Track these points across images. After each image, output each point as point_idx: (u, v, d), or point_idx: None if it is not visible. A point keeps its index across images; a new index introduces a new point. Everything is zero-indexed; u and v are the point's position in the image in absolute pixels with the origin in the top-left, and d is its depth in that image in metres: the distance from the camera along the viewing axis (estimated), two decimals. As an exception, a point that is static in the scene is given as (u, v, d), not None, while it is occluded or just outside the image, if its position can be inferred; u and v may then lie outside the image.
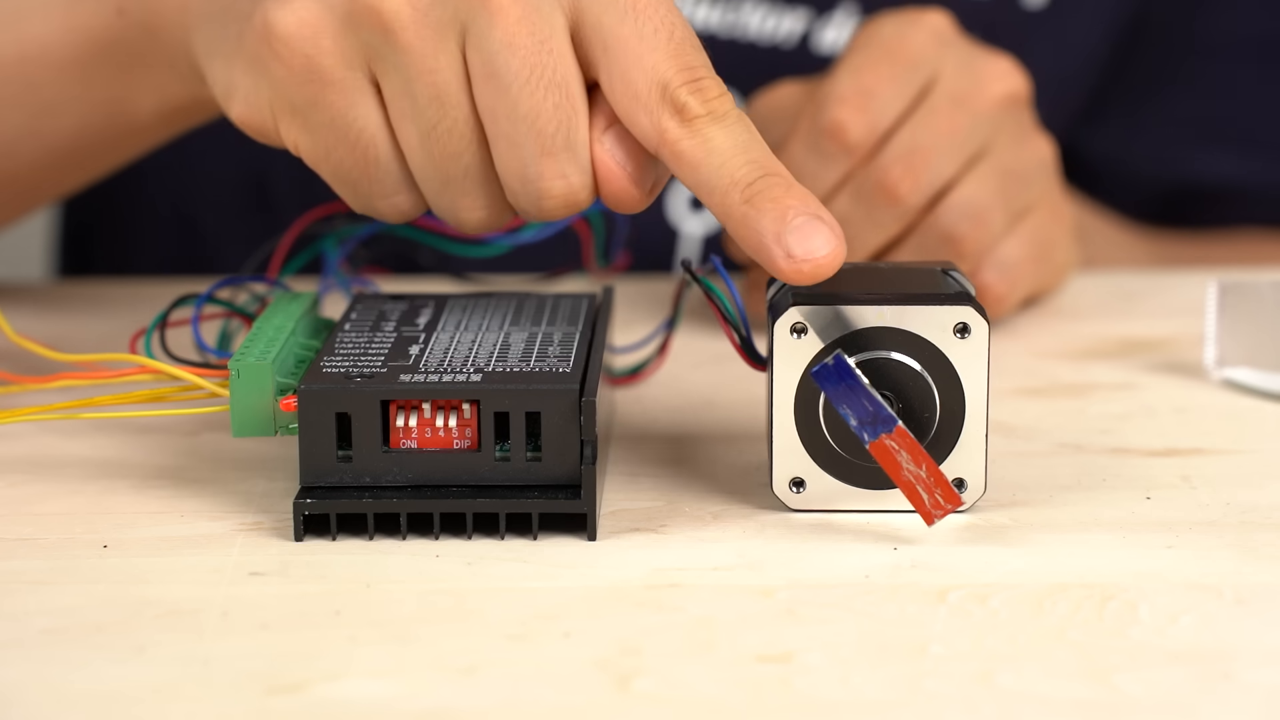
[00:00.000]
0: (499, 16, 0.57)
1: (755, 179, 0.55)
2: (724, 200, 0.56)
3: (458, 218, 0.60)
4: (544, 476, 0.55)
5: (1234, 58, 0.98)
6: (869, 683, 0.47)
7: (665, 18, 0.57)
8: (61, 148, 0.74)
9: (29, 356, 0.61)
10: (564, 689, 0.47)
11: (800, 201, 0.55)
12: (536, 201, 0.58)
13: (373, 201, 0.60)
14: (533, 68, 0.57)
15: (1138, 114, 0.98)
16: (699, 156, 0.56)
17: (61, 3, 0.71)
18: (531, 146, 0.57)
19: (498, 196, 0.59)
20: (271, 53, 0.58)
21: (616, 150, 0.58)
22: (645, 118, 0.56)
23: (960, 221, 0.73)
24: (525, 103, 0.57)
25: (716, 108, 0.56)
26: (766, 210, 0.55)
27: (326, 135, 0.59)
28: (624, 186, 0.58)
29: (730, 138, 0.56)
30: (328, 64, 0.58)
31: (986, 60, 0.76)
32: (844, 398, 0.55)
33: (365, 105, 0.59)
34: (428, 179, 0.59)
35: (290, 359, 0.58)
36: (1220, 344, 0.71)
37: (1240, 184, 0.98)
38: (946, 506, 0.55)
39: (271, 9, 0.58)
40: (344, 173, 0.60)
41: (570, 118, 0.57)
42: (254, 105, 0.60)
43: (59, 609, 0.51)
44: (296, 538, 0.55)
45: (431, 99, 0.57)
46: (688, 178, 0.56)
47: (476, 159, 0.58)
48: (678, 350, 0.71)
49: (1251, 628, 0.50)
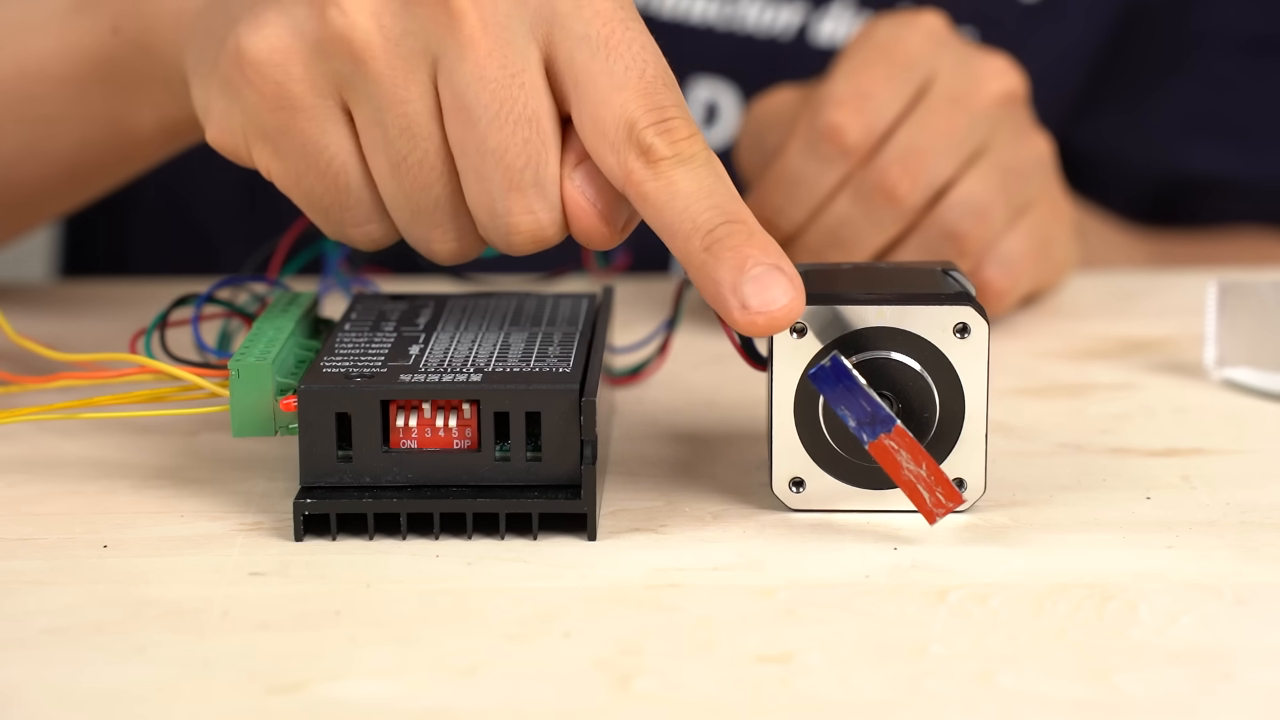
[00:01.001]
0: (469, 49, 0.56)
1: (716, 225, 0.54)
2: (685, 245, 0.54)
3: (429, 248, 0.59)
4: (544, 476, 0.55)
5: (1227, 52, 0.98)
6: (869, 683, 0.47)
7: (638, 55, 0.56)
8: (63, 164, 0.73)
9: (29, 356, 0.61)
10: (564, 689, 0.47)
11: (760, 251, 0.54)
12: (505, 236, 0.57)
13: (344, 229, 0.60)
14: (502, 101, 0.56)
15: (1131, 108, 0.98)
16: (663, 199, 0.55)
17: (59, 20, 0.71)
18: (499, 181, 0.56)
19: (469, 228, 0.58)
20: (243, 78, 0.58)
21: (587, 187, 0.57)
22: (612, 157, 0.55)
23: (962, 218, 0.73)
24: (494, 137, 0.56)
25: (684, 149, 0.55)
26: (725, 259, 0.54)
27: (297, 162, 0.58)
28: (594, 224, 0.57)
29: (695, 181, 0.55)
30: (298, 91, 0.57)
31: (983, 59, 0.76)
32: (841, 399, 0.55)
33: (336, 133, 0.58)
34: (399, 209, 0.58)
35: (290, 359, 0.58)
36: (1220, 344, 0.71)
37: (1233, 178, 0.98)
38: (948, 505, 0.55)
39: (244, 34, 0.58)
40: (315, 199, 0.59)
41: (539, 153, 0.56)
42: (227, 129, 0.59)
43: (59, 609, 0.51)
44: (296, 538, 0.55)
45: (402, 130, 0.57)
46: (652, 220, 0.55)
47: (447, 190, 0.58)
48: (678, 350, 0.71)
49: (1251, 628, 0.50)
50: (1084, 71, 0.97)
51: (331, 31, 0.56)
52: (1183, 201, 0.99)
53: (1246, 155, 0.98)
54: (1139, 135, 0.98)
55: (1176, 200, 0.99)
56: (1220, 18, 0.97)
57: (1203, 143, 0.98)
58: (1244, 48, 0.97)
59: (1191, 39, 0.98)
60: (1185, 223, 0.99)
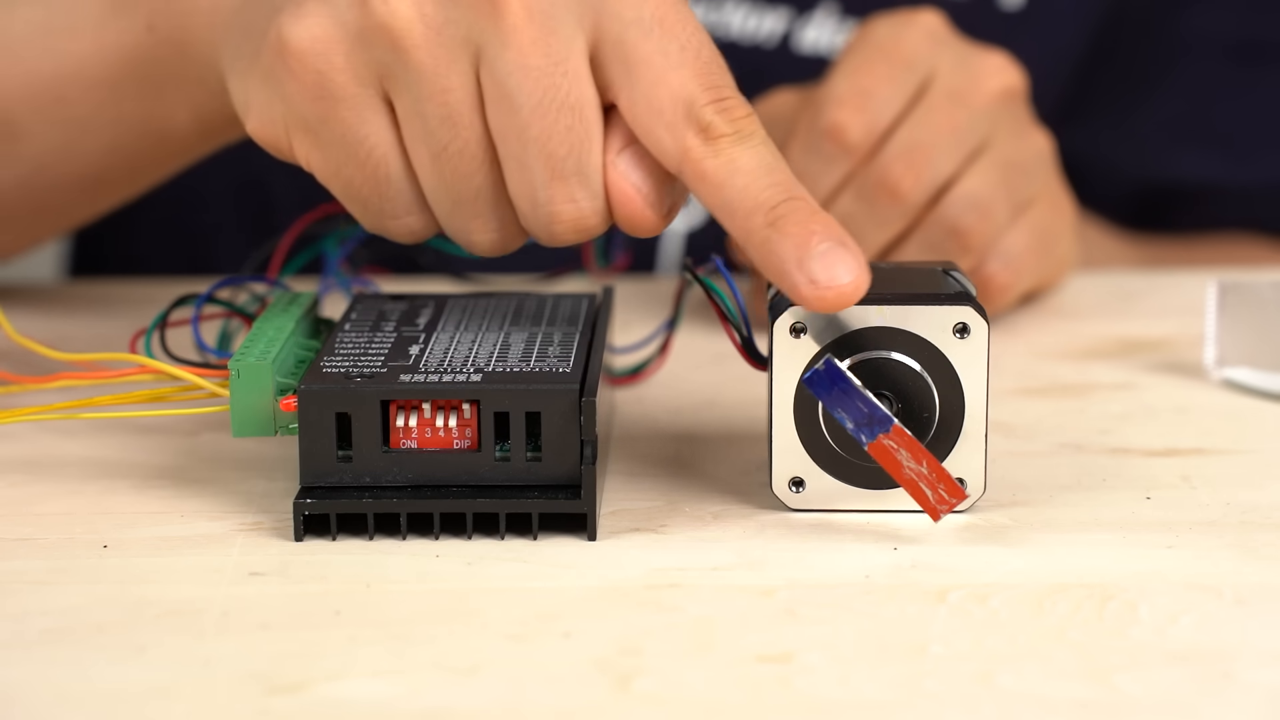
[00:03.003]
0: (513, 37, 0.56)
1: (779, 202, 0.54)
2: (746, 223, 0.55)
3: (469, 239, 0.59)
4: (544, 476, 0.55)
5: (1213, 58, 0.98)
6: (869, 683, 0.47)
7: (692, 36, 0.56)
8: (98, 164, 0.73)
9: (29, 356, 0.61)
10: (564, 689, 0.47)
11: (824, 227, 0.54)
12: (547, 225, 0.57)
13: (383, 221, 0.59)
14: (545, 89, 0.56)
15: (1118, 115, 0.99)
16: (723, 177, 0.55)
17: (94, 20, 0.71)
18: (542, 170, 0.56)
19: (510, 219, 0.58)
20: (285, 68, 0.58)
21: (632, 172, 0.57)
22: (668, 135, 0.56)
23: (965, 214, 0.73)
24: (536, 125, 0.56)
25: (743, 127, 0.56)
26: (790, 235, 0.54)
27: (337, 152, 0.58)
28: (639, 209, 0.57)
29: (755, 159, 0.55)
30: (339, 81, 0.57)
31: (982, 57, 0.76)
32: (838, 402, 0.55)
33: (377, 123, 0.58)
34: (439, 200, 0.58)
35: (290, 359, 0.58)
36: (1220, 344, 0.71)
37: (1220, 185, 0.98)
38: (951, 501, 0.55)
39: (286, 25, 0.58)
40: (354, 191, 0.59)
41: (583, 141, 0.56)
42: (268, 121, 0.59)
43: (59, 609, 0.51)
44: (296, 538, 0.55)
45: (443, 119, 0.57)
46: (710, 198, 0.55)
47: (488, 181, 0.58)
48: (678, 350, 0.71)
49: (1251, 628, 0.50)
50: (1068, 78, 0.97)
51: (373, 21, 0.57)
52: (1169, 208, 0.99)
53: (1232, 162, 0.99)
54: (1126, 141, 0.99)
55: (1163, 206, 0.99)
56: (1206, 24, 0.97)
57: (1189, 149, 0.98)
58: (1230, 54, 0.98)
59: (1178, 46, 0.98)
60: (1172, 229, 1.00)
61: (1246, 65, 0.98)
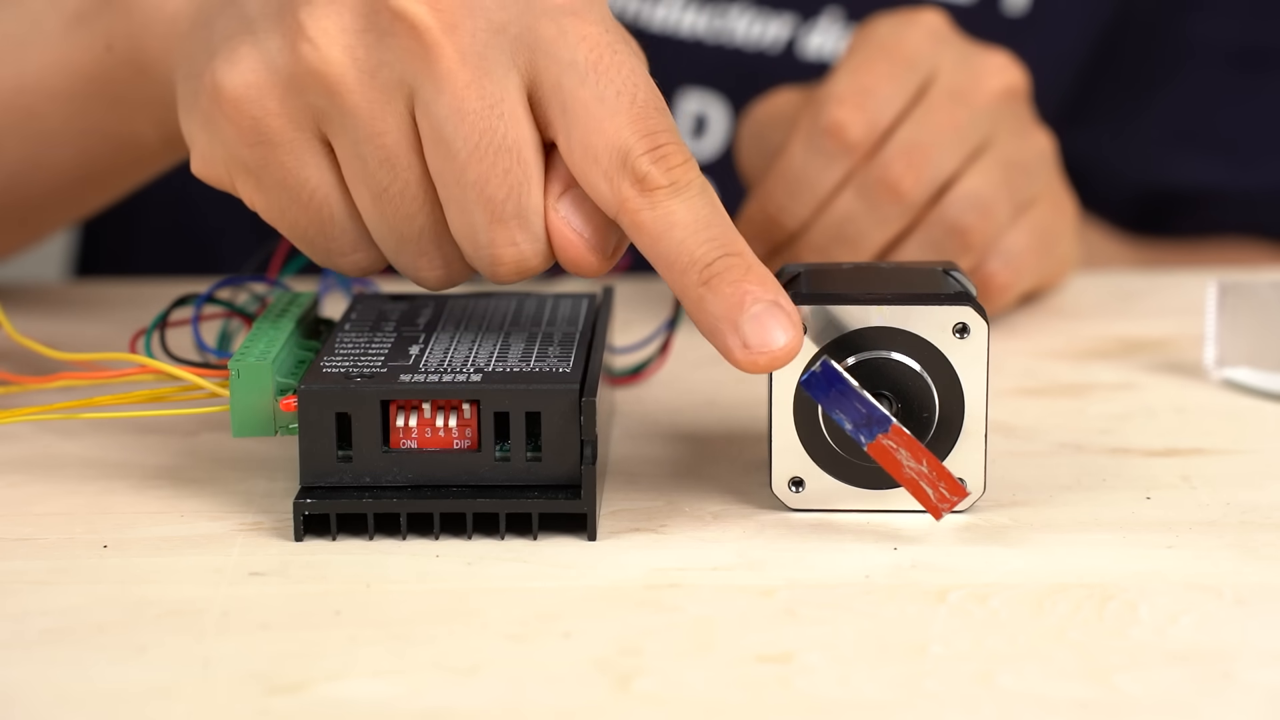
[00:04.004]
0: (446, 82, 0.55)
1: (714, 259, 0.54)
2: (682, 279, 0.54)
3: (417, 275, 0.58)
4: (544, 476, 0.55)
5: (1216, 64, 0.98)
6: (869, 683, 0.47)
7: (628, 80, 0.55)
8: (67, 175, 0.73)
9: (29, 356, 0.61)
10: (564, 689, 0.47)
11: (759, 286, 0.53)
12: (490, 267, 0.56)
13: (331, 258, 0.59)
14: (481, 133, 0.55)
15: (1121, 119, 0.99)
16: (660, 230, 0.54)
17: (56, 36, 0.70)
18: (481, 213, 0.55)
19: (455, 256, 0.58)
20: (221, 113, 0.57)
21: (573, 216, 0.56)
22: (605, 184, 0.55)
23: (966, 213, 0.73)
24: (474, 169, 0.55)
25: (679, 177, 0.54)
26: (724, 295, 0.53)
27: (279, 195, 0.58)
28: (581, 254, 0.56)
29: (691, 212, 0.54)
30: (275, 125, 0.57)
31: (984, 56, 0.76)
32: (836, 403, 0.55)
33: (316, 166, 0.57)
34: (384, 238, 0.57)
35: (290, 359, 0.58)
36: (1220, 344, 0.71)
37: (1222, 190, 0.98)
38: (952, 499, 0.55)
39: (220, 70, 0.57)
40: (300, 231, 0.58)
41: (521, 184, 0.55)
42: (209, 161, 0.59)
43: (59, 609, 0.51)
44: (296, 538, 0.55)
45: (381, 161, 0.56)
46: (646, 250, 0.55)
47: (430, 220, 0.57)
48: (678, 350, 0.71)
49: (1251, 628, 0.50)
50: (1070, 82, 0.97)
51: (304, 66, 0.56)
52: (1171, 212, 0.99)
53: (1235, 167, 0.99)
54: (1128, 146, 0.99)
55: (1165, 211, 0.99)
56: (1210, 30, 0.97)
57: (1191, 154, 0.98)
58: (1233, 60, 0.98)
59: (1181, 51, 0.98)
60: (1173, 233, 1.00)
61: (1249, 71, 0.98)
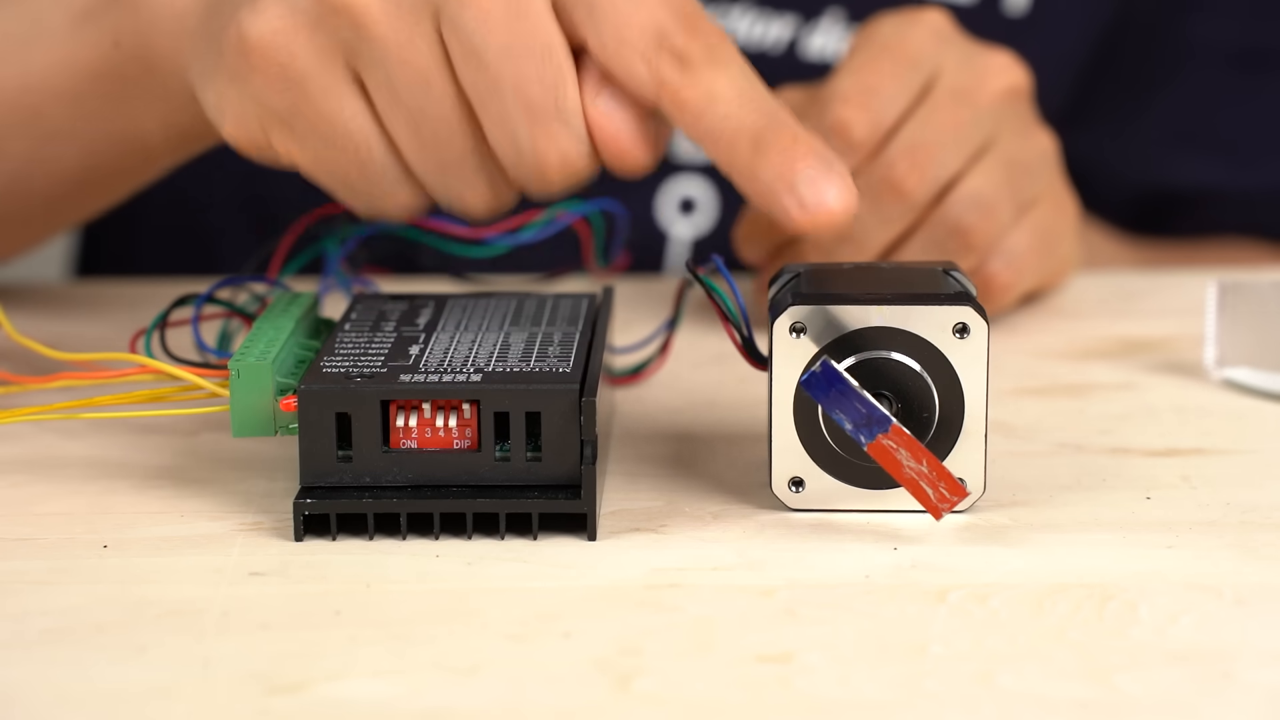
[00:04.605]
0: None
1: (762, 127, 0.54)
2: (730, 150, 0.54)
3: (463, 204, 0.58)
4: (544, 476, 0.55)
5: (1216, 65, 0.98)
6: (869, 683, 0.47)
7: None
8: (71, 175, 0.73)
9: (29, 356, 0.61)
10: (564, 689, 0.47)
11: (809, 150, 0.54)
12: (537, 173, 0.56)
13: (374, 201, 0.59)
14: (511, 36, 0.55)
15: (1121, 120, 0.99)
16: (702, 105, 0.54)
17: (61, 34, 0.70)
18: (521, 117, 0.55)
19: (499, 177, 0.58)
20: (248, 65, 0.57)
21: (613, 110, 0.56)
22: (643, 67, 0.55)
23: (968, 213, 0.73)
24: (508, 73, 0.55)
25: (718, 53, 0.54)
26: (777, 159, 0.53)
27: (316, 142, 0.58)
28: (625, 148, 0.56)
29: (733, 84, 0.54)
30: (304, 66, 0.57)
31: (987, 55, 0.76)
32: (835, 403, 0.55)
33: (350, 104, 0.57)
34: (425, 169, 0.58)
35: (290, 359, 0.58)
36: (1220, 344, 0.71)
37: (1222, 191, 0.98)
38: (953, 499, 0.55)
39: (244, 21, 0.57)
40: (340, 176, 0.59)
41: (556, 83, 0.55)
42: (243, 122, 0.59)
43: (59, 609, 0.51)
44: (296, 538, 0.55)
45: (414, 86, 0.56)
46: (691, 127, 0.54)
47: (470, 141, 0.57)
48: (679, 350, 0.71)
49: (1251, 628, 0.50)
50: (1071, 83, 0.97)
51: (328, 3, 0.56)
52: (1171, 213, 0.99)
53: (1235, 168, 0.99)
54: (1128, 147, 0.99)
55: (1165, 211, 0.99)
56: (1210, 31, 0.97)
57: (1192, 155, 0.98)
58: (1233, 62, 0.98)
59: (1181, 52, 0.98)
60: (1174, 234, 1.00)
61: (1249, 72, 0.98)
